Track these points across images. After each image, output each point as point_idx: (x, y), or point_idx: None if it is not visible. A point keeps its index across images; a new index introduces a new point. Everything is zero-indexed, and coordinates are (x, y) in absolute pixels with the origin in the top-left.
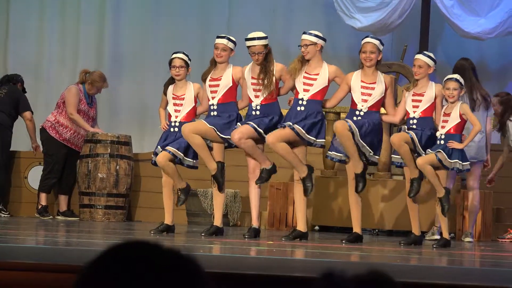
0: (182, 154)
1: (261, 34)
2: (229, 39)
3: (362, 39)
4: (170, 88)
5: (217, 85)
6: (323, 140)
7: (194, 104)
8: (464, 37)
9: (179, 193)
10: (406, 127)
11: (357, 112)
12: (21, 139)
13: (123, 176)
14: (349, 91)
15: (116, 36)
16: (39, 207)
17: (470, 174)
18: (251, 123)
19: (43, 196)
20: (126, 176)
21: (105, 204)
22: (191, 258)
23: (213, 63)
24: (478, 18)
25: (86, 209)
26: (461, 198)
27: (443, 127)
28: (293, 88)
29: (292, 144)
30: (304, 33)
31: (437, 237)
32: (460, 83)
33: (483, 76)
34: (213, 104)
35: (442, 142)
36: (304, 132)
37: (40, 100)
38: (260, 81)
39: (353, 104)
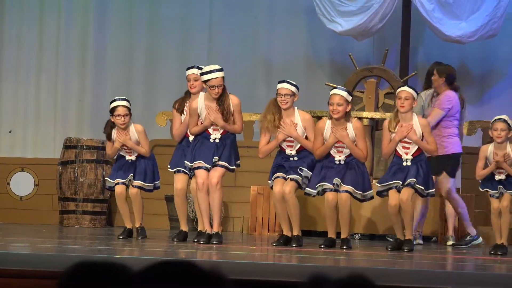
0: (146, 184)
1: (218, 66)
2: (198, 68)
3: (331, 90)
4: (114, 133)
5: None
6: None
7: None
8: (445, 41)
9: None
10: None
11: (336, 162)
12: (1, 145)
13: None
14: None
15: (99, 42)
16: None
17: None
18: (220, 167)
19: None
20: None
21: (92, 210)
22: (224, 277)
23: (188, 94)
24: (459, 22)
25: (72, 215)
26: (442, 202)
27: (500, 172)
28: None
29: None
30: (282, 82)
31: (420, 241)
32: (508, 124)
33: (465, 81)
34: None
35: (503, 180)
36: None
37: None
38: None
39: (330, 154)
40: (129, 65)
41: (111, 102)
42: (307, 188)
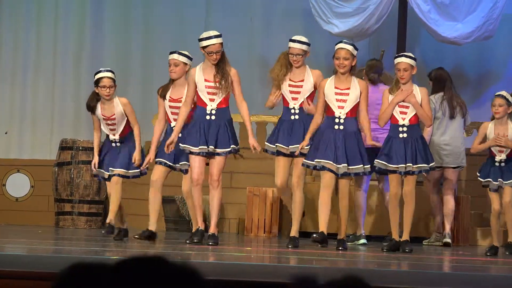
0: (129, 171)
1: (216, 32)
2: (180, 53)
3: (336, 44)
4: (98, 107)
5: (178, 107)
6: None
7: (126, 118)
8: (441, 42)
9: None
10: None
11: (336, 120)
12: None
13: (104, 183)
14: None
15: (95, 44)
16: None
17: (452, 178)
18: (222, 155)
19: None
20: (105, 182)
21: (88, 211)
22: (195, 269)
23: (171, 80)
24: (455, 23)
25: (68, 216)
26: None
27: (501, 151)
28: (279, 95)
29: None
30: (294, 41)
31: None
32: (507, 99)
33: (461, 82)
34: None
35: (503, 164)
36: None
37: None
38: (217, 84)
39: (330, 111)
40: (125, 67)
41: (95, 74)
42: (304, 160)
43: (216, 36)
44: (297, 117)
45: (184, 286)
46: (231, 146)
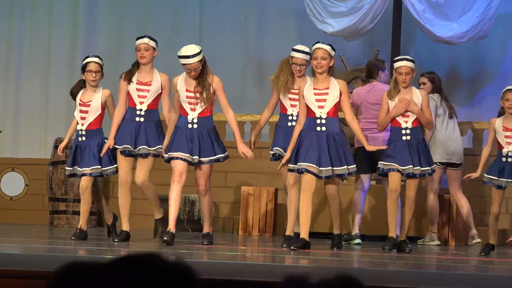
0: (100, 168)
1: (195, 50)
2: (150, 38)
3: (313, 45)
4: (80, 94)
5: (147, 90)
6: None
7: (100, 111)
8: (436, 42)
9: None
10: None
11: (318, 121)
12: None
13: (99, 182)
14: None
15: (89, 43)
16: None
17: (456, 178)
18: (206, 164)
19: None
20: (99, 182)
21: None
22: (189, 267)
23: (136, 66)
24: (449, 23)
25: (62, 215)
26: (437, 202)
27: (508, 143)
28: (278, 101)
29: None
30: (298, 51)
31: (438, 242)
32: None
33: (455, 82)
34: (141, 110)
35: (510, 160)
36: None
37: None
38: (197, 94)
39: (310, 112)
40: (119, 66)
41: (83, 59)
42: (289, 166)
43: (194, 56)
44: (294, 123)
45: (178, 285)
46: (217, 155)
